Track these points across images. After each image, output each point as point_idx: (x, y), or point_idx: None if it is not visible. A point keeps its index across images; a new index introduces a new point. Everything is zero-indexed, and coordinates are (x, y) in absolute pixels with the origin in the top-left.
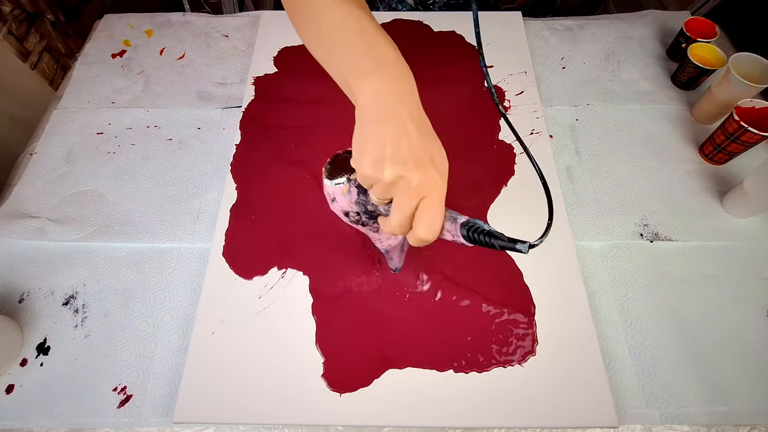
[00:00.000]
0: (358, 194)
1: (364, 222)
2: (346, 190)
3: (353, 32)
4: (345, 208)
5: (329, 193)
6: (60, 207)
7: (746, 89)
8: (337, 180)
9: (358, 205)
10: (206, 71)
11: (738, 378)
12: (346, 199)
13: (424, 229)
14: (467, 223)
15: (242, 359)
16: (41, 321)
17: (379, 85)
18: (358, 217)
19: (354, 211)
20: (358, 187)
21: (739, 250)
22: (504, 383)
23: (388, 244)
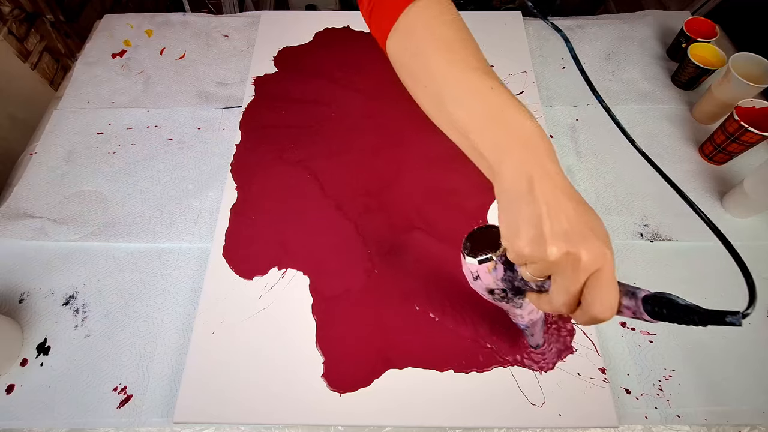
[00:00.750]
0: (504, 270)
1: (509, 299)
2: (492, 267)
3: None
4: (490, 286)
5: (472, 272)
6: (60, 207)
7: (746, 89)
8: (481, 257)
9: (505, 282)
10: (206, 71)
11: (738, 378)
12: (491, 277)
13: (599, 308)
14: (651, 298)
15: (242, 359)
16: (41, 321)
17: (524, 162)
18: (504, 294)
19: (500, 288)
20: (504, 263)
21: (739, 250)
22: (504, 383)
23: (529, 320)
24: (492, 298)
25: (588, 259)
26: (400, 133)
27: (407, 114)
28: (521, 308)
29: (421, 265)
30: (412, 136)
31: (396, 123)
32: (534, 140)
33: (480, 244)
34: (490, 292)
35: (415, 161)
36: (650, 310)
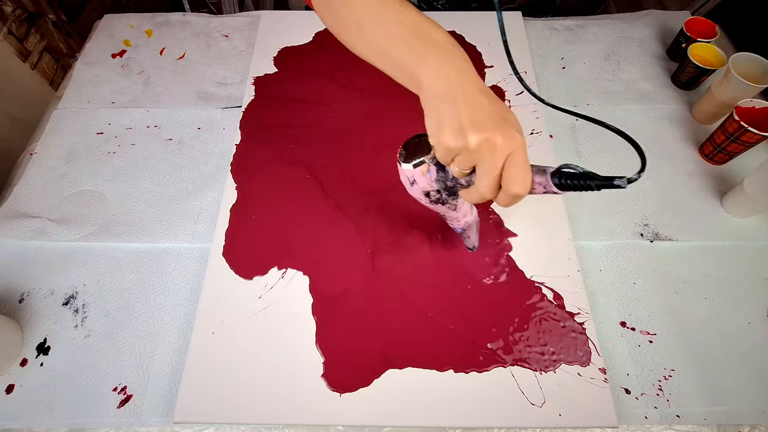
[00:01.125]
0: (437, 172)
1: (444, 200)
2: (425, 170)
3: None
4: (425, 188)
5: (408, 177)
6: (60, 207)
7: (746, 89)
8: (415, 161)
9: (438, 183)
10: (206, 71)
11: (738, 378)
12: (426, 179)
13: (516, 184)
14: (558, 172)
15: (242, 359)
16: (41, 321)
17: (440, 66)
18: (439, 195)
19: (434, 189)
20: (436, 165)
21: (739, 250)
22: (504, 383)
23: (465, 222)
24: (429, 201)
25: (503, 143)
26: (400, 132)
27: (407, 114)
28: (456, 210)
29: (421, 264)
30: (411, 135)
31: (396, 123)
32: (447, 47)
33: (414, 151)
34: (426, 195)
35: None
36: (557, 183)
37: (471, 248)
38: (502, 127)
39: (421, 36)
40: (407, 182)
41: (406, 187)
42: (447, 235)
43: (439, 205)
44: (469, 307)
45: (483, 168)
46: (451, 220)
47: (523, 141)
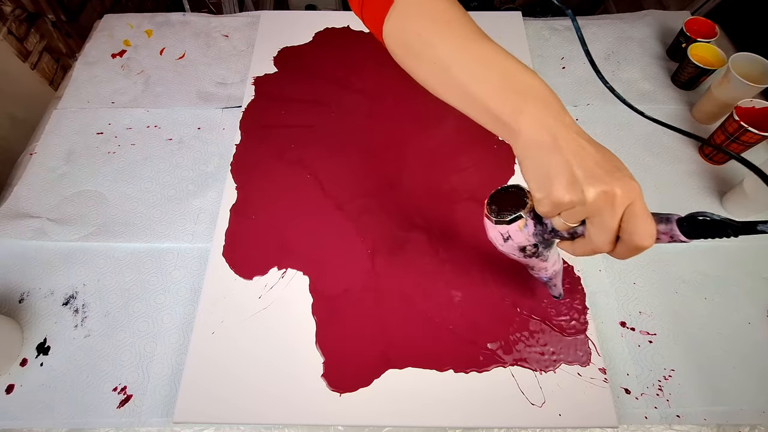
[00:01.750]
0: (535, 225)
1: (539, 253)
2: (522, 225)
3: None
4: (522, 244)
5: (503, 234)
6: (60, 207)
7: (746, 89)
8: (510, 217)
9: (536, 237)
10: (206, 71)
11: (738, 378)
12: (523, 235)
13: (640, 237)
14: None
15: (242, 359)
16: (41, 321)
17: (541, 116)
18: (535, 249)
19: (531, 244)
20: (534, 218)
21: (739, 250)
22: (504, 383)
23: (553, 271)
24: (523, 256)
25: (622, 194)
26: (400, 132)
27: (407, 114)
28: (547, 260)
29: (420, 264)
30: (412, 135)
31: (396, 123)
32: (547, 97)
33: (503, 205)
34: (521, 250)
35: (415, 161)
36: (686, 231)
37: (557, 296)
38: (617, 177)
39: (516, 84)
40: (500, 239)
41: (496, 244)
42: (448, 234)
43: (533, 259)
44: (469, 307)
45: (599, 222)
46: (540, 270)
47: (639, 189)
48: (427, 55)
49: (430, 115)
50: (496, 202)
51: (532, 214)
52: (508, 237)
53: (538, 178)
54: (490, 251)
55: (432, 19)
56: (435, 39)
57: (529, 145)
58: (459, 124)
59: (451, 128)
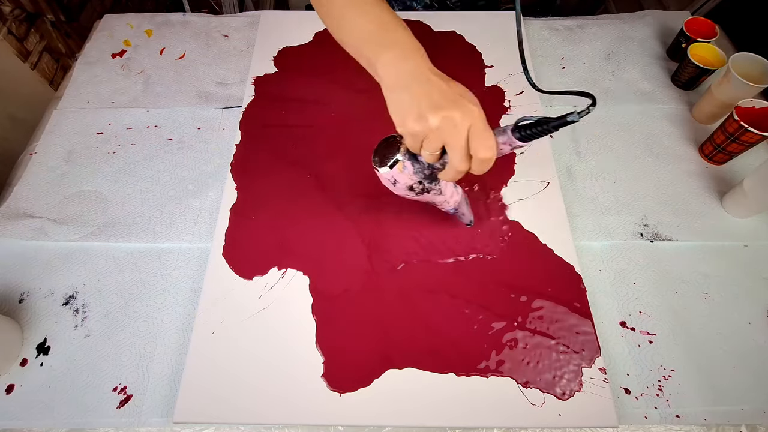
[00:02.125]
0: (412, 165)
1: (428, 188)
2: (401, 167)
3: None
4: (407, 183)
5: (389, 179)
6: (60, 207)
7: (746, 89)
8: (389, 162)
9: (417, 175)
10: (206, 71)
11: (738, 378)
12: (405, 175)
13: (482, 150)
14: (516, 127)
15: (242, 359)
16: (41, 321)
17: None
18: (422, 185)
19: (416, 181)
20: (410, 159)
21: (739, 250)
22: (504, 383)
23: (454, 201)
24: (415, 195)
25: (462, 116)
26: None
27: None
28: (442, 193)
29: (421, 264)
30: None
31: None
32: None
33: (385, 153)
34: (410, 189)
35: None
36: (519, 137)
37: (468, 224)
38: (458, 104)
39: (382, 33)
40: (389, 184)
41: (391, 189)
42: (448, 235)
43: (425, 195)
44: (470, 307)
45: (450, 144)
46: (442, 204)
47: (479, 112)
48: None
49: None
50: (378, 154)
51: (407, 156)
52: (395, 181)
53: (396, 114)
54: (491, 249)
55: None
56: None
57: (388, 87)
58: None
59: None
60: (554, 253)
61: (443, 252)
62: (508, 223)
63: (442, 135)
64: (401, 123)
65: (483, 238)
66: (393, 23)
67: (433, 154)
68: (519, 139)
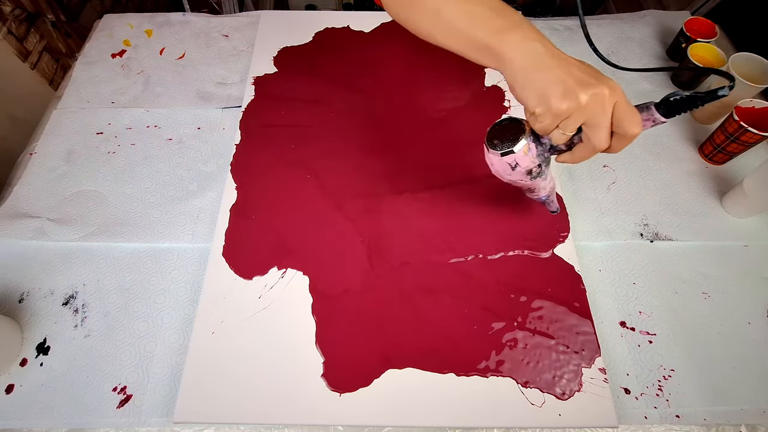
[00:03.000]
0: (536, 147)
1: (542, 172)
2: (526, 149)
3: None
4: (529, 167)
5: (510, 163)
6: (60, 207)
7: (746, 89)
8: (516, 146)
9: (539, 158)
10: (206, 71)
11: (738, 378)
12: (528, 158)
13: (631, 126)
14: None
15: (242, 359)
16: (41, 321)
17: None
18: (540, 169)
19: (536, 165)
20: (534, 141)
21: (739, 250)
22: (504, 383)
23: (550, 189)
24: (530, 179)
25: (610, 93)
26: (400, 132)
27: (407, 114)
28: (546, 179)
29: (421, 264)
30: (411, 135)
31: (396, 123)
32: (524, 24)
33: (505, 137)
34: (528, 174)
35: (415, 160)
36: (664, 112)
37: (555, 211)
38: (602, 81)
39: (497, 16)
40: (508, 169)
41: (503, 175)
42: (449, 235)
43: (538, 180)
44: (470, 307)
45: (595, 122)
46: (539, 190)
47: (621, 89)
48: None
49: (431, 116)
50: (496, 138)
51: (532, 137)
52: (515, 165)
53: (536, 95)
54: (492, 250)
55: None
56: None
57: (520, 68)
58: (458, 124)
59: (450, 128)
60: (554, 253)
61: (444, 251)
62: None
63: (589, 112)
64: (545, 103)
65: (483, 238)
66: (501, 5)
67: (566, 134)
68: (664, 115)
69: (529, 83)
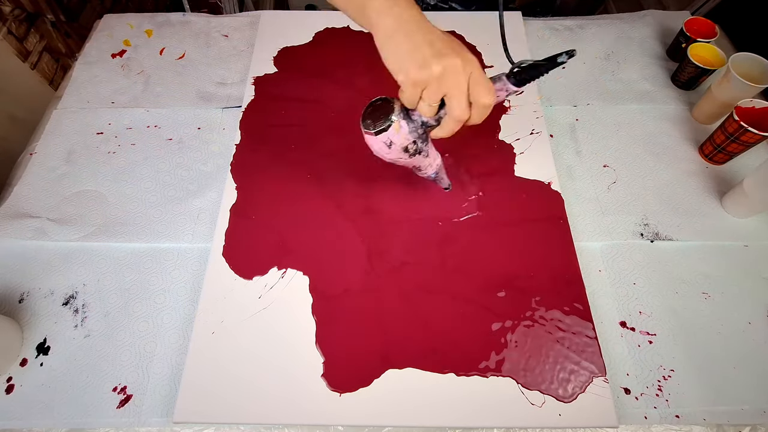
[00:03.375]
0: (407, 124)
1: (420, 149)
2: (398, 126)
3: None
4: (403, 144)
5: (384, 141)
6: (60, 207)
7: (746, 89)
8: (385, 125)
9: (412, 134)
10: (206, 71)
11: (738, 378)
12: (401, 136)
13: (483, 95)
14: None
15: (242, 359)
16: (41, 321)
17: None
18: (416, 145)
19: (411, 141)
20: (404, 118)
21: (739, 250)
22: (504, 383)
23: (437, 165)
24: (408, 156)
25: (463, 64)
26: None
27: None
28: (429, 156)
29: (421, 264)
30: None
31: None
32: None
33: (376, 118)
34: (405, 151)
35: None
36: (515, 82)
37: (447, 187)
38: (458, 52)
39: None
40: (384, 148)
41: (383, 155)
42: (449, 235)
43: (417, 157)
44: (470, 307)
45: (451, 92)
46: (426, 168)
47: (477, 61)
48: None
49: None
50: (369, 118)
51: (402, 115)
52: (390, 143)
53: (397, 62)
54: (492, 251)
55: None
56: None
57: (383, 34)
58: None
59: None
60: (554, 253)
61: (444, 252)
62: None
63: (445, 82)
64: (402, 71)
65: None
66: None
67: (432, 106)
68: (515, 84)
69: (391, 51)
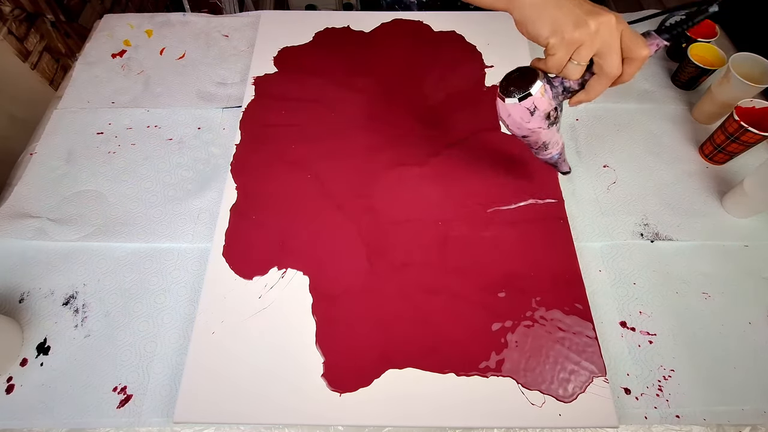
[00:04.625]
0: (551, 88)
1: (558, 117)
2: (542, 90)
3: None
4: (547, 110)
5: (529, 108)
6: (60, 207)
7: (746, 89)
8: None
9: (555, 99)
10: (206, 71)
11: (738, 378)
12: (545, 100)
13: (640, 48)
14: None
15: (242, 359)
16: (41, 321)
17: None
18: (556, 113)
19: (553, 107)
20: (547, 82)
21: (739, 250)
22: (504, 383)
23: (562, 144)
24: (547, 126)
25: (616, 21)
26: (401, 132)
27: (407, 114)
28: (559, 131)
29: (421, 264)
30: (411, 135)
31: (396, 123)
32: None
33: (520, 84)
34: (547, 118)
35: (415, 160)
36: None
37: (567, 171)
38: (608, 11)
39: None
40: (526, 115)
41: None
42: (449, 235)
43: (553, 128)
44: (470, 307)
45: (606, 48)
46: (552, 146)
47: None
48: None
49: (431, 116)
50: (512, 85)
51: (546, 79)
52: (534, 109)
53: (549, 26)
54: (492, 251)
55: None
56: None
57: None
58: (458, 123)
59: (450, 127)
60: (555, 253)
61: (443, 252)
62: None
63: (600, 38)
64: (558, 33)
65: (483, 239)
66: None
67: (581, 66)
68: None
69: (541, 17)
